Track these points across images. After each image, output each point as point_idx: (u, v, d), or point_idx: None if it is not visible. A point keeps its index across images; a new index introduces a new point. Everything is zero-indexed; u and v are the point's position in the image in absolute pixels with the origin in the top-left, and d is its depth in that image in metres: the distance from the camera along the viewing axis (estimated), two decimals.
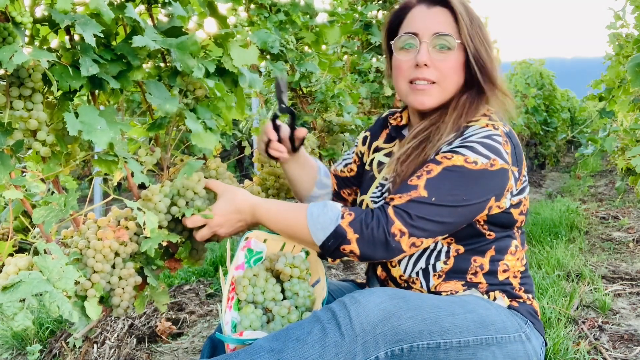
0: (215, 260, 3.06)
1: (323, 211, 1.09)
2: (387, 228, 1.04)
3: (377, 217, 1.06)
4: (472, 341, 1.04)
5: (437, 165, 1.09)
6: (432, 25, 1.17)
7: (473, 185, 1.07)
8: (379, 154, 1.38)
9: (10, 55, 0.83)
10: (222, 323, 1.03)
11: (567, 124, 9.74)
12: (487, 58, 1.17)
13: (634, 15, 2.80)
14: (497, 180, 1.09)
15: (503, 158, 1.09)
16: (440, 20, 1.17)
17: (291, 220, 1.13)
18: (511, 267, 1.20)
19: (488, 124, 1.13)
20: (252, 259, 1.18)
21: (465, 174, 1.07)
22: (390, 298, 1.00)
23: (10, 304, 0.83)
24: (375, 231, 1.04)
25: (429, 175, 1.08)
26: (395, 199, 1.08)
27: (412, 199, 1.06)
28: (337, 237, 1.06)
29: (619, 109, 3.03)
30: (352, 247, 1.06)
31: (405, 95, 1.23)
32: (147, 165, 1.18)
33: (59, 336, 1.97)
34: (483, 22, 1.21)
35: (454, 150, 1.10)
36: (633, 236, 3.53)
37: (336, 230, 1.06)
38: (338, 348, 0.92)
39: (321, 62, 2.20)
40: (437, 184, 1.07)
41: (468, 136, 1.12)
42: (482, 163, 1.07)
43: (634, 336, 1.93)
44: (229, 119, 1.37)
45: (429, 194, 1.06)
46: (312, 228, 1.09)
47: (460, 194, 1.07)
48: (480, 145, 1.09)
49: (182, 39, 1.09)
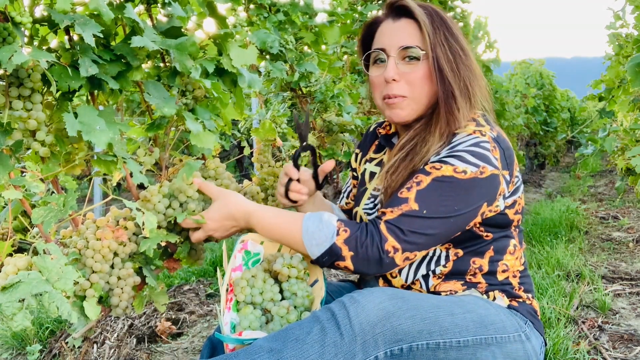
0: (215, 260, 3.06)
1: (318, 227, 1.08)
2: (381, 245, 1.04)
3: (370, 234, 1.06)
4: (472, 341, 1.04)
5: (427, 176, 1.09)
6: (398, 39, 1.17)
7: (464, 194, 1.07)
8: (370, 165, 1.38)
9: (10, 56, 0.83)
10: (221, 324, 1.03)
11: (567, 124, 9.74)
12: (450, 65, 1.15)
13: (634, 15, 2.80)
14: (487, 187, 1.09)
15: (492, 164, 1.09)
16: (406, 32, 1.17)
17: (286, 232, 1.12)
18: (510, 267, 1.20)
19: (475, 131, 1.13)
20: (250, 261, 1.18)
21: (455, 184, 1.07)
22: (389, 298, 1.00)
23: (9, 304, 0.83)
24: (369, 249, 1.04)
25: (419, 187, 1.08)
26: (387, 213, 1.08)
27: (403, 213, 1.06)
28: (331, 254, 1.07)
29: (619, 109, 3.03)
30: (347, 263, 1.06)
31: (382, 110, 1.24)
32: (146, 166, 1.18)
33: (59, 336, 1.97)
34: (453, 27, 1.19)
35: (443, 161, 1.09)
36: (633, 236, 3.53)
37: (331, 248, 1.06)
38: (337, 348, 0.92)
39: (321, 62, 2.20)
40: (428, 195, 1.07)
41: (456, 144, 1.11)
42: (472, 172, 1.07)
43: (634, 336, 1.93)
44: (228, 119, 1.37)
45: (420, 207, 1.06)
46: (307, 243, 1.09)
47: (452, 205, 1.07)
48: (469, 154, 1.08)
49: (181, 39, 1.10)
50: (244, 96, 1.37)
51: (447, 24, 1.18)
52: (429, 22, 1.15)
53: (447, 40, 1.16)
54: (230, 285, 1.12)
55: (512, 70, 8.06)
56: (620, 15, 3.11)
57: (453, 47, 1.17)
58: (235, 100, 1.34)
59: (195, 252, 1.30)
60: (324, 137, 2.38)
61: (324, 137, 2.38)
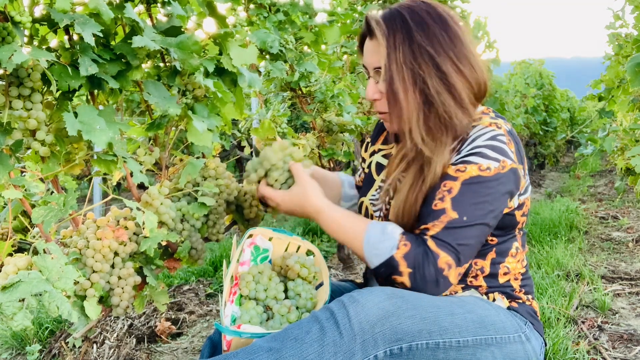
0: (214, 260, 3.06)
1: (380, 239, 1.09)
2: (435, 263, 1.04)
3: (424, 252, 1.05)
4: (472, 341, 1.04)
5: (455, 181, 1.08)
6: (370, 59, 1.18)
7: (493, 192, 1.08)
8: (377, 156, 1.38)
9: (10, 55, 0.83)
10: (221, 315, 1.03)
11: (567, 123, 9.74)
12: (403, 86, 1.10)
13: (633, 15, 2.81)
14: (509, 181, 1.10)
15: (510, 158, 1.09)
16: (375, 52, 1.16)
17: (349, 238, 1.15)
18: (512, 270, 1.20)
19: (491, 123, 1.13)
20: (258, 257, 1.19)
21: (483, 184, 1.07)
22: (389, 297, 1.00)
23: (9, 303, 0.83)
24: (426, 268, 1.05)
25: (451, 194, 1.08)
26: (430, 228, 1.07)
27: (446, 225, 1.06)
28: (388, 266, 1.07)
29: (619, 108, 3.03)
30: (404, 279, 1.07)
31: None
32: (146, 165, 1.18)
33: (59, 336, 1.97)
34: (428, 34, 1.10)
35: (466, 161, 1.09)
36: (632, 236, 3.52)
37: (389, 261, 1.07)
38: (336, 347, 0.92)
39: (320, 62, 2.20)
40: (462, 201, 1.07)
41: (474, 138, 1.11)
42: (495, 167, 1.07)
43: (634, 336, 1.93)
44: (228, 119, 1.36)
45: (459, 214, 1.06)
46: (367, 253, 1.11)
47: (486, 206, 1.07)
48: (488, 149, 1.08)
49: (181, 38, 1.09)
50: (244, 96, 1.37)
51: (414, 37, 1.10)
52: (385, 43, 1.12)
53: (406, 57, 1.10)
54: (236, 278, 1.13)
55: (511, 70, 8.06)
56: (619, 15, 3.12)
57: (416, 64, 1.10)
58: (235, 99, 1.34)
59: (196, 252, 1.29)
60: (323, 137, 2.38)
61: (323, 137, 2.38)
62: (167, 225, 1.17)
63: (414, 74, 1.10)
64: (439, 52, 1.10)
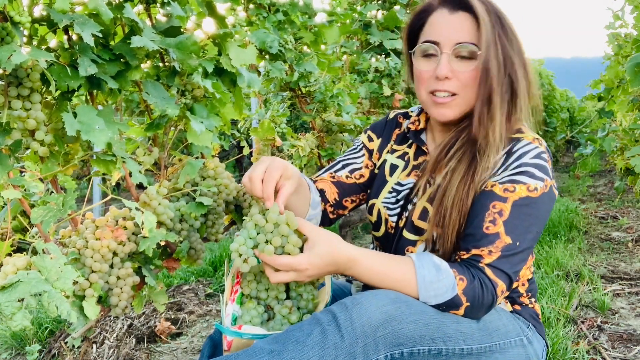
0: (214, 260, 3.06)
1: (437, 277, 1.02)
2: (495, 292, 1.03)
3: (482, 282, 1.03)
4: (476, 349, 1.03)
5: (505, 202, 1.05)
6: (454, 34, 1.10)
7: (540, 214, 1.07)
8: (392, 156, 1.32)
9: (9, 55, 0.83)
10: (222, 314, 1.03)
11: (566, 123, 9.75)
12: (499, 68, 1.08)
13: (633, 15, 2.81)
14: (552, 200, 1.10)
15: (550, 176, 1.09)
16: (464, 27, 1.10)
17: (397, 283, 1.04)
18: (521, 277, 1.20)
19: (534, 139, 1.11)
20: None
21: (531, 205, 1.06)
22: (392, 301, 0.98)
23: (8, 303, 0.83)
24: (485, 298, 1.03)
25: (503, 217, 1.05)
26: (485, 256, 1.04)
27: (502, 253, 1.04)
28: (450, 306, 1.03)
29: (618, 108, 3.04)
30: (459, 312, 1.04)
31: (427, 106, 1.17)
32: (145, 165, 1.18)
33: (58, 336, 1.97)
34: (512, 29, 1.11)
35: (514, 180, 1.07)
36: (632, 236, 3.53)
37: (453, 300, 1.02)
38: (338, 350, 0.91)
39: (320, 62, 2.20)
40: (515, 224, 1.05)
41: (520, 155, 1.09)
42: (540, 187, 1.07)
43: (633, 336, 1.93)
44: (228, 119, 1.36)
45: (513, 239, 1.04)
46: (423, 293, 1.03)
47: (535, 229, 1.07)
48: (535, 168, 1.07)
49: (180, 38, 1.09)
50: (243, 96, 1.36)
51: (505, 24, 1.11)
52: (488, 20, 1.08)
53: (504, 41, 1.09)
54: (238, 277, 1.12)
55: None
56: (619, 15, 3.12)
57: (508, 51, 1.09)
58: (235, 100, 1.34)
59: (195, 252, 1.30)
60: (323, 137, 2.38)
61: (323, 137, 2.38)
62: (165, 225, 1.17)
63: (506, 58, 1.09)
64: (522, 48, 1.13)
